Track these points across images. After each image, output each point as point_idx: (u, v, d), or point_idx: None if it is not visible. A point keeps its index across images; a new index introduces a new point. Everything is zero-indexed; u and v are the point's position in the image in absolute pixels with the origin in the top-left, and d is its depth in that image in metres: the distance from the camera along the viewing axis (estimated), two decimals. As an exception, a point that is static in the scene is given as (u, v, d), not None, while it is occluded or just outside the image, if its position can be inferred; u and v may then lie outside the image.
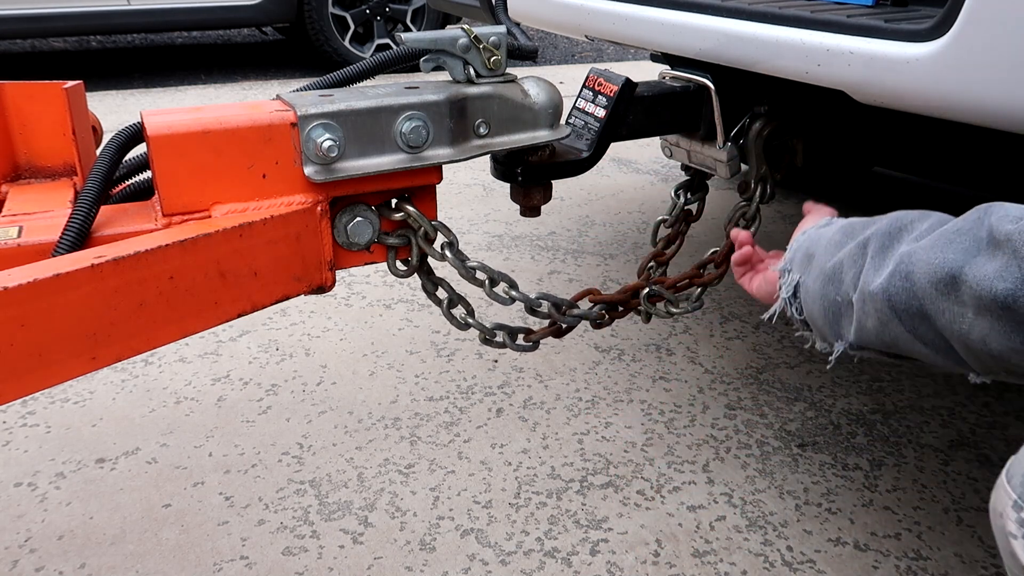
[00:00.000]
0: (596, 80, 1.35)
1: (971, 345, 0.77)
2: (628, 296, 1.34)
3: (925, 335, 0.83)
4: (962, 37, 0.97)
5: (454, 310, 1.20)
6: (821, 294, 0.96)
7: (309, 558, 1.30)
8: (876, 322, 0.87)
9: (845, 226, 0.99)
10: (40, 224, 0.95)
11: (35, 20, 4.52)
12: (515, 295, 1.18)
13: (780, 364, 1.88)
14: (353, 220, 1.04)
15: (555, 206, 2.84)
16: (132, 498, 1.42)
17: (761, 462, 1.54)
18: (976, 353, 0.78)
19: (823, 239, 1.00)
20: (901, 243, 0.86)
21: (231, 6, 4.91)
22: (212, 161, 0.93)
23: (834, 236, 0.98)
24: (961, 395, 1.77)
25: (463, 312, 1.20)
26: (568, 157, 1.29)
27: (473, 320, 1.20)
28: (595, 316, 1.30)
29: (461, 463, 1.53)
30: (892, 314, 0.84)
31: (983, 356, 0.78)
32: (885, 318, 0.85)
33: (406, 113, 0.99)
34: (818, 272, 0.97)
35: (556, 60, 6.16)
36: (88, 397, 1.71)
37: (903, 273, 0.82)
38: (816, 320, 0.99)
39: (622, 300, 1.34)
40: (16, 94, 1.07)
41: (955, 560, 1.31)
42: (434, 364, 1.86)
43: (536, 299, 1.22)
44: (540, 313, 1.24)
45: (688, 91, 1.42)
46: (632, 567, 1.29)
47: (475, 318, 1.20)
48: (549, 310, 1.24)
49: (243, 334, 1.97)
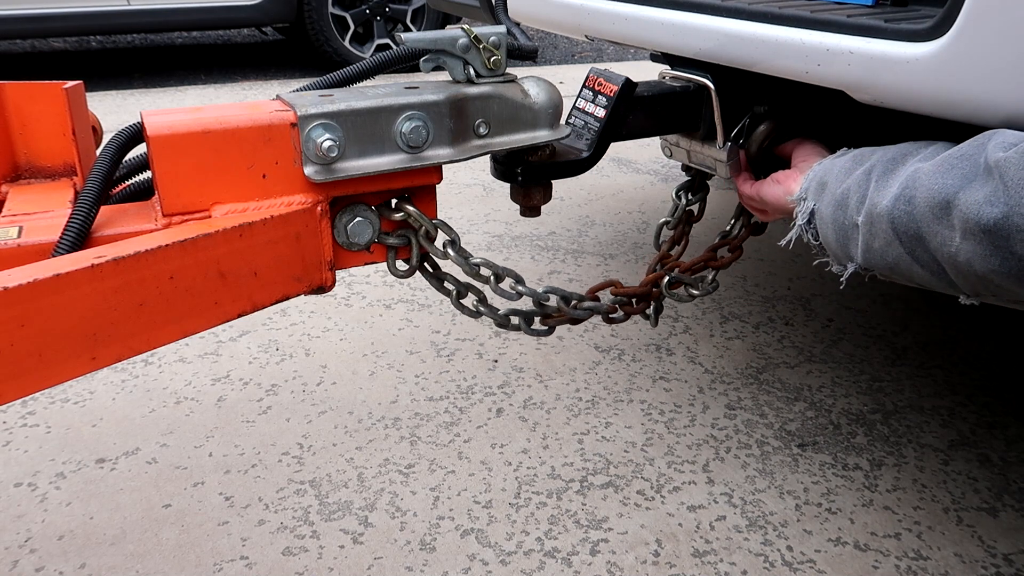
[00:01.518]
0: (596, 80, 1.35)
1: (959, 267, 0.81)
2: (649, 288, 1.36)
3: (921, 257, 0.87)
4: (962, 37, 0.97)
5: (464, 300, 1.19)
6: (832, 219, 1.01)
7: (309, 558, 1.30)
8: (881, 243, 0.91)
9: (856, 154, 1.04)
10: (40, 224, 0.95)
11: (35, 20, 4.52)
12: (522, 290, 1.18)
13: (780, 364, 1.88)
14: (353, 220, 1.04)
15: (555, 206, 2.84)
16: (132, 498, 1.42)
17: (761, 462, 1.54)
18: (964, 275, 0.82)
19: (836, 167, 1.05)
20: (906, 165, 0.90)
21: (231, 6, 4.91)
22: (212, 161, 0.93)
23: (845, 163, 1.04)
24: (961, 395, 1.77)
25: (475, 300, 1.19)
26: (568, 157, 1.29)
27: (485, 307, 1.19)
28: (606, 309, 1.30)
29: (461, 463, 1.53)
30: (894, 235, 0.88)
31: (970, 278, 0.81)
32: (888, 238, 0.90)
33: (406, 113, 0.99)
34: (830, 198, 1.02)
35: (556, 60, 6.16)
36: (88, 397, 1.71)
37: (907, 197, 0.86)
38: (830, 244, 1.04)
39: (644, 292, 1.35)
40: (16, 94, 1.07)
41: (955, 560, 1.31)
42: (434, 364, 1.86)
43: (544, 293, 1.21)
44: (549, 307, 1.24)
45: (688, 91, 1.42)
46: (632, 567, 1.29)
47: (487, 305, 1.20)
48: (558, 303, 1.23)
49: (243, 334, 1.97)
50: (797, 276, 2.32)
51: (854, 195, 0.97)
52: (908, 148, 0.96)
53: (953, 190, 0.79)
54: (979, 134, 0.85)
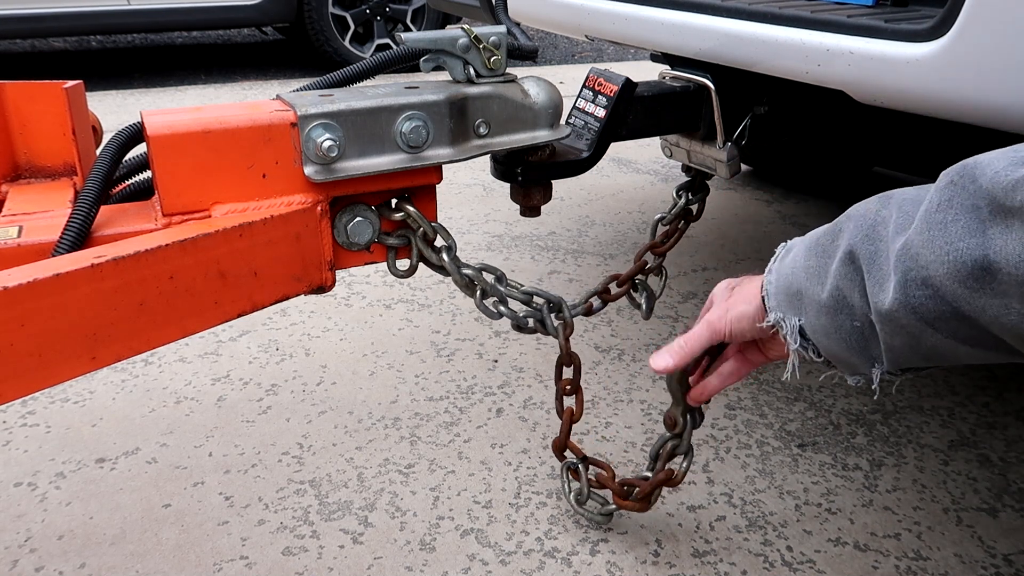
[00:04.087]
0: (596, 80, 1.35)
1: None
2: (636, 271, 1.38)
3: (968, 336, 0.73)
4: (962, 37, 0.97)
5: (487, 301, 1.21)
6: (835, 327, 0.86)
7: (309, 558, 1.30)
8: (906, 337, 0.78)
9: (809, 248, 0.90)
10: (40, 224, 0.95)
11: (35, 20, 4.53)
12: (503, 311, 1.20)
13: (780, 364, 1.88)
14: (353, 220, 1.04)
15: (555, 206, 2.84)
16: (132, 498, 1.42)
17: (761, 462, 1.54)
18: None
19: (796, 270, 0.91)
20: (884, 242, 0.78)
21: (231, 6, 4.91)
22: (212, 161, 0.93)
23: (805, 263, 0.90)
24: (961, 395, 1.77)
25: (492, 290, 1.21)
26: (568, 157, 1.29)
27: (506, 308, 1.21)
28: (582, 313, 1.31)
29: (461, 463, 1.53)
30: (924, 325, 0.75)
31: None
32: (916, 331, 0.76)
33: (406, 113, 0.99)
34: (816, 307, 0.88)
35: (556, 60, 6.16)
36: (88, 397, 1.71)
37: (917, 280, 0.73)
38: (840, 355, 0.89)
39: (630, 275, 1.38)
40: (16, 94, 1.07)
41: (955, 560, 1.31)
42: (434, 364, 1.86)
43: (524, 317, 1.23)
44: (527, 329, 1.25)
45: (688, 91, 1.43)
46: (632, 567, 1.29)
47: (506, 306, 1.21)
48: (534, 325, 1.25)
49: (243, 334, 1.97)
50: (797, 276, 2.32)
51: (852, 292, 0.82)
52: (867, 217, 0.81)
53: (976, 251, 0.66)
54: (927, 185, 0.76)
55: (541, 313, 1.24)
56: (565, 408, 1.33)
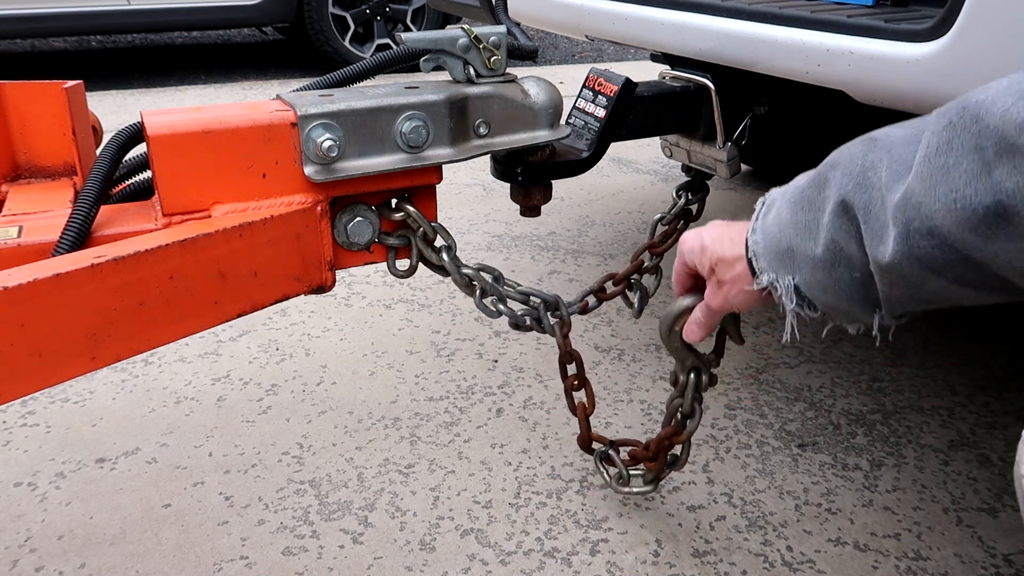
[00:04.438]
0: (596, 80, 1.35)
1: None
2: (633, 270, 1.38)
3: (974, 279, 0.71)
4: (962, 37, 0.97)
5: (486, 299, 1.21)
6: (832, 281, 0.83)
7: (309, 558, 1.30)
8: (907, 287, 0.76)
9: (793, 202, 0.87)
10: (40, 224, 0.95)
11: (35, 20, 4.53)
12: (502, 309, 1.20)
13: (780, 364, 1.88)
14: (353, 220, 1.04)
15: (555, 206, 2.84)
16: (132, 498, 1.42)
17: (761, 462, 1.54)
18: None
19: (783, 227, 0.87)
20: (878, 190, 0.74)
21: (231, 6, 4.91)
22: (212, 161, 0.93)
23: (792, 219, 0.86)
24: (961, 395, 1.77)
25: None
26: (568, 157, 1.29)
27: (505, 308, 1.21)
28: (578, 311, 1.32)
29: (461, 463, 1.53)
30: (928, 274, 0.72)
31: None
32: (918, 279, 0.73)
33: (406, 113, 1.00)
34: (811, 263, 0.84)
35: (556, 60, 6.16)
36: (88, 397, 1.71)
37: (921, 231, 0.69)
38: (839, 306, 0.86)
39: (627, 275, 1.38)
40: (16, 94, 1.07)
41: (955, 560, 1.31)
42: (434, 364, 1.86)
43: (521, 316, 1.24)
44: (524, 327, 1.26)
45: (688, 91, 1.43)
46: (632, 567, 1.29)
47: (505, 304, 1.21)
48: (531, 324, 1.25)
49: (243, 334, 1.97)
50: (797, 276, 2.32)
51: (850, 244, 0.79)
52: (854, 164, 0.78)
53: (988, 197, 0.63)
54: (915, 119, 0.74)
55: (538, 312, 1.25)
56: (577, 404, 1.33)
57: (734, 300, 0.98)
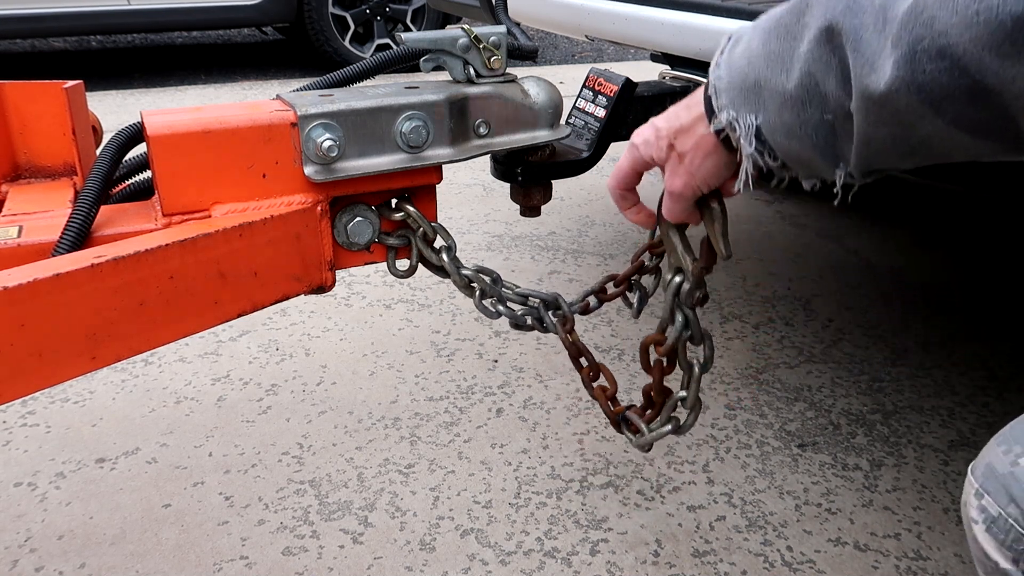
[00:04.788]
0: (596, 80, 1.35)
1: None
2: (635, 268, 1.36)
3: (974, 120, 0.62)
4: None
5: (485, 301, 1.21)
6: (800, 123, 0.73)
7: (309, 558, 1.30)
8: (895, 127, 0.66)
9: (768, 30, 0.75)
10: (40, 224, 0.95)
11: (35, 20, 4.53)
12: (502, 310, 1.19)
13: (780, 364, 1.88)
14: (353, 220, 1.04)
15: (555, 206, 2.84)
16: (132, 498, 1.42)
17: (761, 462, 1.54)
18: None
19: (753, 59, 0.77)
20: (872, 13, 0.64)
21: (231, 6, 4.91)
22: (212, 161, 0.93)
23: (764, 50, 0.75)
24: (961, 395, 1.77)
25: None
26: (568, 157, 1.29)
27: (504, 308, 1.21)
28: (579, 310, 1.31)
29: (461, 463, 1.53)
30: (925, 108, 0.63)
31: None
32: (912, 117, 0.64)
33: (406, 113, 0.99)
34: (779, 100, 0.74)
35: (556, 60, 6.16)
36: (88, 397, 1.71)
37: (931, 51, 0.60)
38: (801, 155, 0.76)
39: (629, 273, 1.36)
40: (16, 94, 1.07)
41: (955, 560, 1.31)
42: (434, 364, 1.86)
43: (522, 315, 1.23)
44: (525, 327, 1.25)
45: (688, 91, 1.42)
46: (632, 567, 1.29)
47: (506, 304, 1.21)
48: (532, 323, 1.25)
49: (243, 334, 1.97)
50: (797, 276, 2.32)
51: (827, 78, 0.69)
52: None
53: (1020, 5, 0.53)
54: None
55: (539, 311, 1.24)
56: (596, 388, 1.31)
57: (699, 172, 0.88)
